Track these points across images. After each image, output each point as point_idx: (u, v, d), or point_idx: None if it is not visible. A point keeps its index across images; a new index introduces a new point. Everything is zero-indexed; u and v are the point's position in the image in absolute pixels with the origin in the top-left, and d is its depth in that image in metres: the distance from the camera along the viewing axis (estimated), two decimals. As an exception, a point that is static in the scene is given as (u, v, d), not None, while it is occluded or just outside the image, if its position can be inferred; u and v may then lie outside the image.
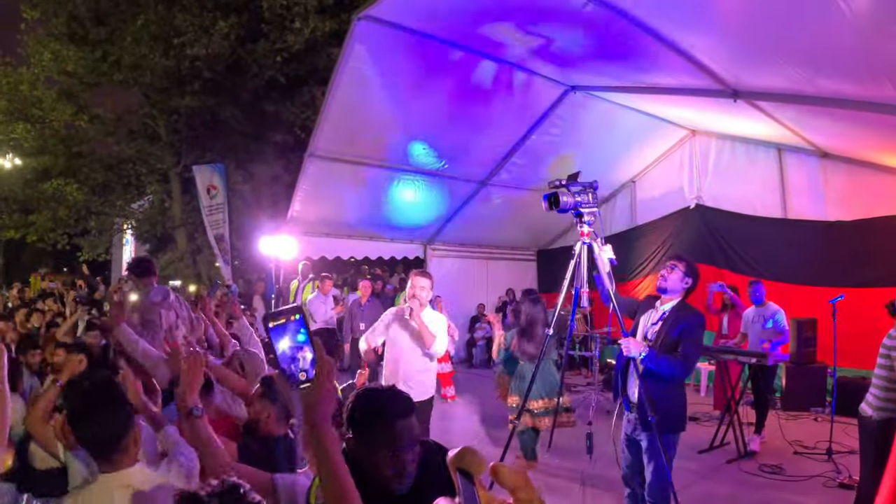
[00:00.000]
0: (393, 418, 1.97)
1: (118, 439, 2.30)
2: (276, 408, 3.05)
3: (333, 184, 9.55)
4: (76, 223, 18.28)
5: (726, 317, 8.55)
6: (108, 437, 2.29)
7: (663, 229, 11.59)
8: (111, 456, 2.28)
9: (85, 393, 2.48)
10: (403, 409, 2.02)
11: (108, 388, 2.48)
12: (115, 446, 2.29)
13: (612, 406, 8.68)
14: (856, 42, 4.65)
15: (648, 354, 3.88)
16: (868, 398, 4.40)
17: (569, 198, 4.13)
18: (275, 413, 3.05)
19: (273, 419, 3.05)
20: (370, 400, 2.06)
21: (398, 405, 2.03)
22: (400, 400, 2.06)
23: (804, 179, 9.40)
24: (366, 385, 2.36)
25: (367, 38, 6.89)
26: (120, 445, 2.30)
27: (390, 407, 2.01)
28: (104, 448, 2.29)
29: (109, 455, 2.28)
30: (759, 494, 5.68)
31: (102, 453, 2.30)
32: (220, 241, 14.93)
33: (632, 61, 6.91)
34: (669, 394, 3.97)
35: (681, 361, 3.84)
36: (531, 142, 9.66)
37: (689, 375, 4.14)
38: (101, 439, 2.30)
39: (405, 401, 2.07)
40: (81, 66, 15.66)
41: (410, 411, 2.04)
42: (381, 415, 1.99)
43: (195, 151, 17.69)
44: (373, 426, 1.99)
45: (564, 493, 5.53)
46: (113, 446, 2.29)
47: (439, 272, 12.04)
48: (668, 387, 3.95)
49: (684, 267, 4.14)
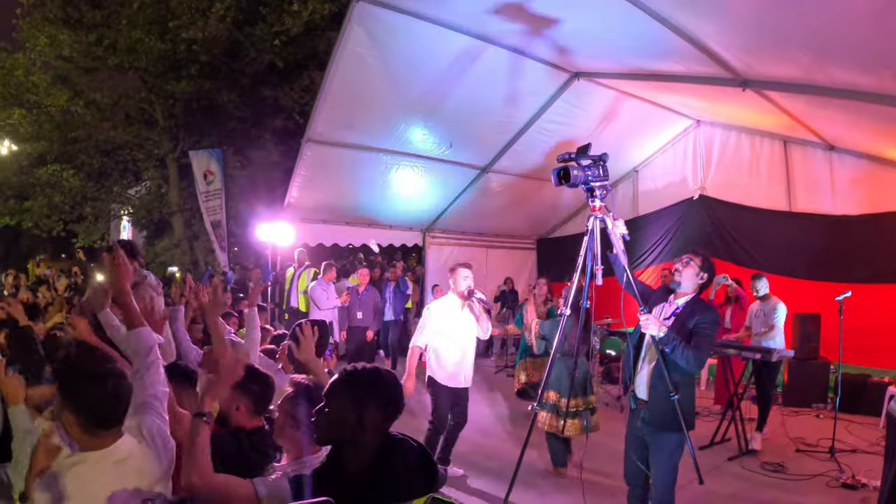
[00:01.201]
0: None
1: (114, 409, 2.21)
2: (248, 399, 2.89)
3: (331, 170, 9.42)
4: (72, 209, 18.11)
5: (729, 310, 8.42)
6: (105, 407, 2.18)
7: (666, 220, 11.47)
8: (109, 428, 2.20)
9: (71, 364, 2.37)
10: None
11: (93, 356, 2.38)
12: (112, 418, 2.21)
13: (610, 399, 8.70)
14: (872, 30, 4.49)
15: (667, 335, 3.73)
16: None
17: (579, 171, 3.93)
18: (246, 405, 2.89)
19: (244, 411, 2.89)
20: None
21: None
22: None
23: (810, 172, 9.27)
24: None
25: (367, 20, 6.74)
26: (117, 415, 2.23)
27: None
28: (101, 421, 2.18)
29: (108, 427, 2.19)
30: (761, 494, 5.57)
31: (99, 425, 2.18)
32: (216, 227, 14.84)
33: (638, 47, 6.76)
34: (678, 392, 3.82)
35: (693, 354, 3.68)
36: (534, 129, 9.49)
37: (699, 370, 3.99)
38: (97, 411, 2.17)
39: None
40: (76, 51, 15.44)
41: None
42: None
43: (192, 137, 17.55)
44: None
45: (565, 488, 5.44)
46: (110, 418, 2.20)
47: (438, 260, 11.99)
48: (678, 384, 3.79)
49: (700, 262, 3.97)
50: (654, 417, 3.83)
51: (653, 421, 3.84)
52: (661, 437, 3.83)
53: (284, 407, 2.62)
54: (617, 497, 4.64)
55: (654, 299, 4.12)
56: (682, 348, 3.69)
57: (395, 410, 2.13)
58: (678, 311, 3.92)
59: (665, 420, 3.78)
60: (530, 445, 4.35)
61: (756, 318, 7.51)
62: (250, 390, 2.89)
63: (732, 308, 8.34)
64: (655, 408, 3.83)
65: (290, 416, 2.58)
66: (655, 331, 3.75)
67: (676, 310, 3.94)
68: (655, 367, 3.87)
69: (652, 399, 3.86)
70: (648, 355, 3.98)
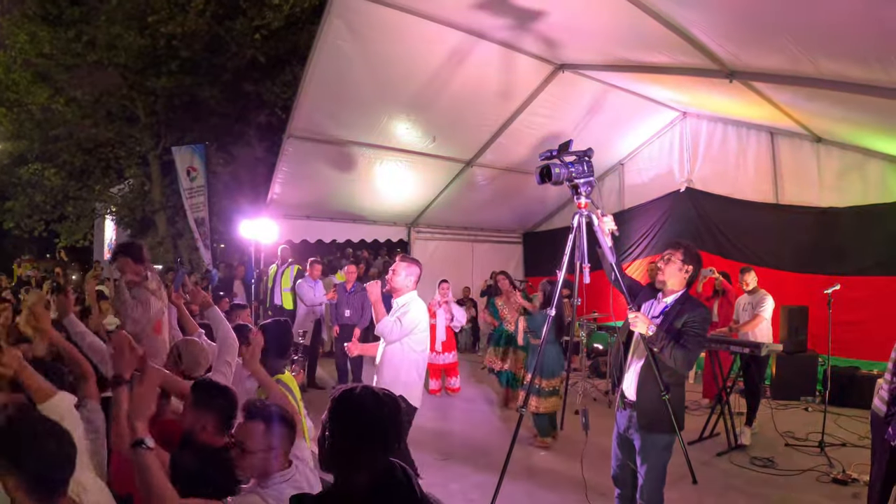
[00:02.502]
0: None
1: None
2: (214, 416, 2.74)
3: (314, 165, 9.31)
4: (53, 209, 17.93)
5: (716, 303, 8.36)
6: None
7: (652, 213, 11.44)
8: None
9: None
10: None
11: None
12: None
13: (598, 394, 8.65)
14: (863, 20, 4.40)
15: (655, 333, 3.62)
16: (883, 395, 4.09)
17: (562, 169, 3.84)
18: (212, 423, 2.74)
19: (211, 429, 2.73)
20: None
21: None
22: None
23: (797, 164, 9.25)
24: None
25: (346, 12, 6.61)
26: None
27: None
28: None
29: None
30: (751, 489, 5.51)
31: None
32: (200, 224, 14.68)
33: (624, 38, 6.69)
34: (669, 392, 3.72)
35: (683, 353, 3.57)
36: (518, 122, 9.39)
37: (689, 370, 3.88)
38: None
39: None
40: (56, 48, 15.23)
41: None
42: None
43: (175, 133, 17.36)
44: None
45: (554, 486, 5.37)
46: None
47: (423, 255, 11.84)
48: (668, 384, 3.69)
49: (682, 255, 3.82)
50: (644, 418, 3.71)
51: (642, 421, 3.72)
52: (651, 438, 3.71)
53: (238, 436, 2.48)
54: (608, 497, 4.55)
55: (643, 296, 4.00)
56: (671, 348, 3.58)
57: (393, 441, 1.90)
58: (667, 309, 3.79)
59: (655, 421, 3.67)
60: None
61: (744, 311, 7.45)
62: (216, 405, 2.76)
63: (720, 301, 8.28)
64: (645, 408, 3.72)
65: (240, 446, 2.44)
66: (644, 329, 3.65)
67: (665, 308, 3.81)
68: (644, 366, 3.77)
69: (641, 399, 3.75)
70: (637, 352, 3.87)
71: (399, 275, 4.83)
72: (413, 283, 4.87)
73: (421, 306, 4.85)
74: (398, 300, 4.85)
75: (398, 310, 4.77)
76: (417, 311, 4.78)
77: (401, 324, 4.65)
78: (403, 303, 4.80)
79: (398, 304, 4.83)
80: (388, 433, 1.86)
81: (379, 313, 4.74)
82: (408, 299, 4.81)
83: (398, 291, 4.83)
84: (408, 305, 4.77)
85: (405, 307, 4.75)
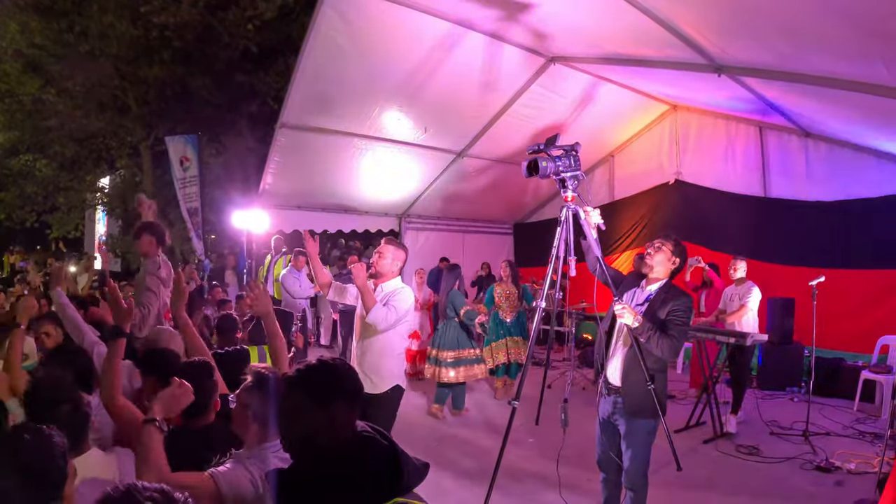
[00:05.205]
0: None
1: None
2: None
3: (306, 155, 9.30)
4: (44, 200, 17.86)
5: (704, 294, 8.45)
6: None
7: (641, 205, 11.52)
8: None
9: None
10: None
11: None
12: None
13: (587, 383, 8.74)
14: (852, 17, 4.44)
15: (641, 324, 3.69)
16: None
17: (549, 162, 3.90)
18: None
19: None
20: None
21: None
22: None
23: (785, 158, 9.33)
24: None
25: (339, 2, 6.61)
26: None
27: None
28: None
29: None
30: (736, 476, 5.63)
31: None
32: (193, 215, 14.64)
33: (614, 31, 6.73)
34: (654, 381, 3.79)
35: (668, 343, 3.65)
36: (509, 114, 9.42)
37: (674, 358, 3.97)
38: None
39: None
40: (48, 38, 15.12)
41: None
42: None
43: (166, 124, 17.20)
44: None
45: (542, 475, 5.44)
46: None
47: (414, 245, 11.90)
48: (653, 372, 3.77)
49: (672, 246, 3.94)
50: (628, 404, 3.81)
51: (626, 408, 3.82)
52: (635, 424, 3.81)
53: (242, 397, 2.53)
54: (594, 483, 4.63)
55: (626, 284, 4.09)
56: (657, 338, 3.66)
57: (359, 401, 1.95)
58: (651, 297, 3.89)
59: (639, 407, 3.77)
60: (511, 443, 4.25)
61: (731, 301, 7.52)
62: (204, 387, 2.84)
63: (707, 292, 8.38)
64: (629, 394, 3.81)
65: (246, 406, 2.50)
66: (630, 320, 3.72)
67: (649, 296, 3.91)
68: (629, 354, 3.85)
69: (625, 386, 3.83)
70: (621, 340, 3.95)
71: (386, 258, 4.64)
72: (398, 269, 4.68)
73: (409, 293, 4.59)
74: (385, 285, 4.61)
75: (388, 296, 4.50)
76: (409, 297, 4.55)
77: (396, 311, 4.38)
78: (393, 288, 4.57)
79: (386, 289, 4.59)
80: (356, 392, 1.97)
81: (368, 300, 4.35)
82: (397, 285, 4.61)
83: (384, 276, 4.63)
84: (398, 292, 4.53)
85: (395, 293, 4.51)
